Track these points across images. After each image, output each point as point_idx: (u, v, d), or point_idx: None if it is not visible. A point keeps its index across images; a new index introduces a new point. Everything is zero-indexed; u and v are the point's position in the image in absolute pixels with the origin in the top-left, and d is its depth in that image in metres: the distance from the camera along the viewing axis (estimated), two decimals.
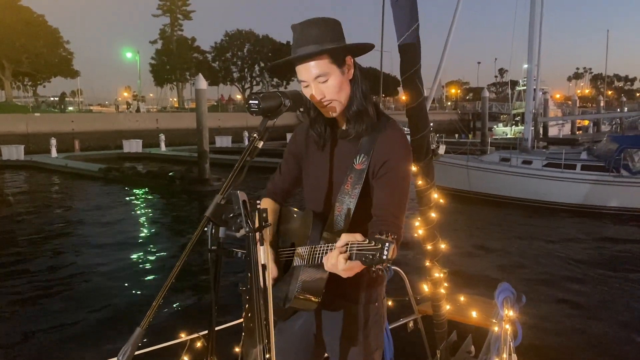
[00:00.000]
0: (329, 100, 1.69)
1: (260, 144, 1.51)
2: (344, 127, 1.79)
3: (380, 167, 1.69)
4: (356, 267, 1.42)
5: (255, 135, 1.51)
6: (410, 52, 2.30)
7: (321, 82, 1.67)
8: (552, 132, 42.25)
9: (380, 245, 1.30)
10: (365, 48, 1.75)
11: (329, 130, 1.82)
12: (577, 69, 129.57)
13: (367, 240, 1.34)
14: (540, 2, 17.89)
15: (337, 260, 1.41)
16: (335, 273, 1.51)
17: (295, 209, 1.94)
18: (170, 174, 18.80)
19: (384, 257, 1.29)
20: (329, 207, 1.76)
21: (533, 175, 15.07)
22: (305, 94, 1.71)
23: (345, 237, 1.41)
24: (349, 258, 1.39)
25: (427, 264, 2.72)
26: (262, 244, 1.46)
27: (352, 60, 1.72)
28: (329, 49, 1.64)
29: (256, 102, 1.50)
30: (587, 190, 14.20)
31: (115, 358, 1.27)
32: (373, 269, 1.32)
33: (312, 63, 1.65)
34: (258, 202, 1.49)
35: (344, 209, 1.69)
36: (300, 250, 1.73)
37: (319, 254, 1.60)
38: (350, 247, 1.38)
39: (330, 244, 1.54)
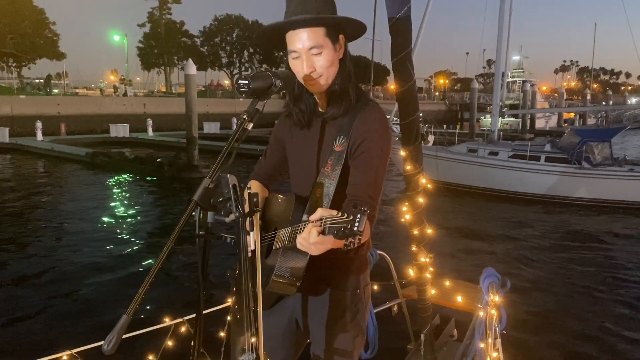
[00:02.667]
0: (319, 74, 1.66)
1: (250, 126, 1.47)
2: (323, 109, 1.78)
3: (357, 146, 1.67)
4: (327, 242, 1.38)
5: (244, 116, 1.46)
6: (401, 35, 2.27)
7: (314, 54, 1.63)
8: (539, 124, 42.60)
9: (352, 217, 1.28)
10: (360, 27, 1.72)
11: (310, 108, 1.79)
12: (564, 61, 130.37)
13: (340, 213, 1.32)
14: None
15: (308, 234, 1.38)
16: (313, 256, 1.49)
17: (280, 195, 1.93)
18: (158, 159, 18.64)
19: (355, 228, 1.27)
20: (310, 189, 1.75)
21: (499, 166, 15.63)
22: (293, 65, 1.68)
23: (320, 212, 1.38)
24: (322, 232, 1.36)
25: (414, 248, 2.74)
26: (252, 230, 1.44)
27: (343, 39, 1.71)
28: (329, 17, 1.62)
29: (246, 82, 1.45)
30: (550, 181, 14.82)
31: (101, 344, 1.25)
32: (346, 242, 1.30)
33: (309, 33, 1.61)
34: (249, 186, 1.47)
35: (324, 192, 1.67)
36: (281, 233, 1.71)
37: (297, 234, 1.57)
38: (324, 222, 1.36)
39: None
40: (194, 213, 1.41)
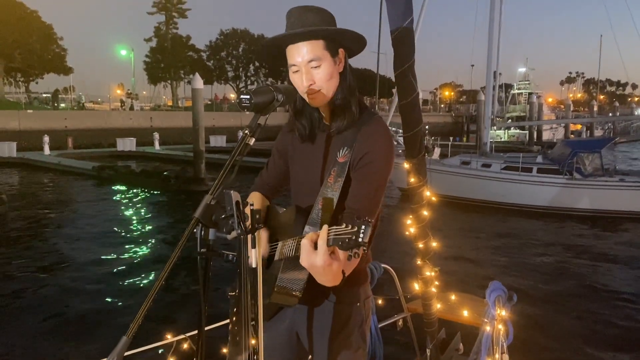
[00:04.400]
0: (318, 87, 1.67)
1: (252, 141, 1.46)
2: (327, 122, 1.78)
3: (360, 159, 1.67)
4: (327, 259, 1.38)
5: (246, 131, 1.46)
6: (403, 47, 2.28)
7: (313, 66, 1.64)
8: (546, 136, 42.45)
9: (356, 228, 1.28)
10: (359, 40, 1.73)
11: (314, 122, 1.80)
12: (570, 73, 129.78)
13: (344, 224, 1.32)
14: (499, 6, 18.48)
15: (310, 246, 1.40)
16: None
17: (280, 207, 1.92)
18: (165, 173, 18.70)
19: (360, 239, 1.27)
20: (312, 201, 1.74)
21: (492, 177, 15.85)
22: (293, 80, 1.69)
23: (326, 227, 1.39)
24: (327, 243, 1.36)
25: (418, 262, 2.72)
26: (254, 247, 1.43)
27: (343, 53, 1.72)
28: (326, 29, 1.63)
29: (248, 97, 1.45)
30: (542, 192, 15.06)
31: None
32: (350, 252, 1.30)
33: (307, 46, 1.63)
34: (251, 203, 1.45)
35: (327, 203, 1.66)
36: (282, 244, 1.71)
37: (299, 246, 1.57)
38: (327, 232, 1.36)
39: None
40: (195, 230, 1.40)
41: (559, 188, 14.80)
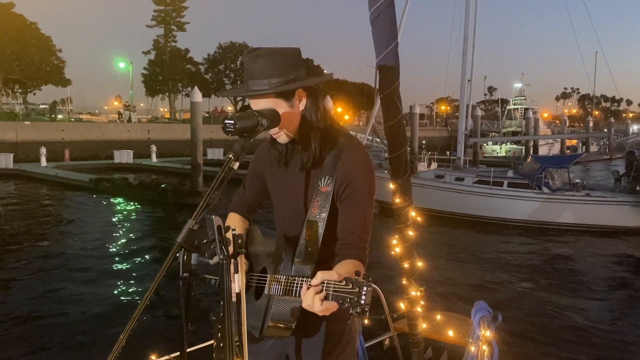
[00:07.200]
0: (276, 131, 1.71)
1: (236, 165, 1.48)
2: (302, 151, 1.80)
3: (344, 189, 1.69)
4: (332, 307, 1.38)
5: (230, 155, 1.48)
6: (388, 71, 2.33)
7: None
8: (543, 151, 42.59)
9: (357, 289, 1.27)
10: (312, 85, 1.74)
11: (289, 150, 1.81)
12: (565, 88, 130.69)
13: (344, 281, 1.31)
14: (472, 21, 18.96)
15: (313, 302, 1.37)
16: None
17: (265, 230, 1.92)
18: (162, 185, 18.64)
19: (362, 301, 1.26)
20: (298, 231, 1.75)
21: (464, 191, 16.25)
22: None
23: (320, 276, 1.38)
24: (325, 298, 1.35)
25: (404, 282, 2.74)
26: (236, 272, 1.44)
27: (303, 92, 1.71)
28: (267, 94, 1.64)
29: (232, 122, 1.46)
30: (512, 205, 15.45)
31: None
32: (351, 311, 1.28)
33: (258, 99, 1.67)
34: (233, 228, 1.47)
35: (313, 234, 1.67)
36: (274, 279, 1.70)
37: (295, 286, 1.57)
38: (326, 287, 1.35)
39: (307, 279, 1.49)
40: (178, 255, 1.42)
41: (528, 202, 15.22)
